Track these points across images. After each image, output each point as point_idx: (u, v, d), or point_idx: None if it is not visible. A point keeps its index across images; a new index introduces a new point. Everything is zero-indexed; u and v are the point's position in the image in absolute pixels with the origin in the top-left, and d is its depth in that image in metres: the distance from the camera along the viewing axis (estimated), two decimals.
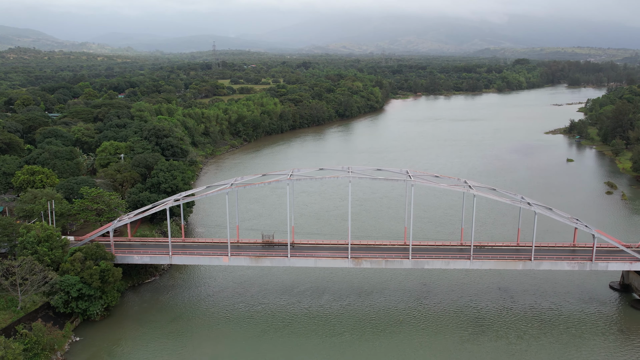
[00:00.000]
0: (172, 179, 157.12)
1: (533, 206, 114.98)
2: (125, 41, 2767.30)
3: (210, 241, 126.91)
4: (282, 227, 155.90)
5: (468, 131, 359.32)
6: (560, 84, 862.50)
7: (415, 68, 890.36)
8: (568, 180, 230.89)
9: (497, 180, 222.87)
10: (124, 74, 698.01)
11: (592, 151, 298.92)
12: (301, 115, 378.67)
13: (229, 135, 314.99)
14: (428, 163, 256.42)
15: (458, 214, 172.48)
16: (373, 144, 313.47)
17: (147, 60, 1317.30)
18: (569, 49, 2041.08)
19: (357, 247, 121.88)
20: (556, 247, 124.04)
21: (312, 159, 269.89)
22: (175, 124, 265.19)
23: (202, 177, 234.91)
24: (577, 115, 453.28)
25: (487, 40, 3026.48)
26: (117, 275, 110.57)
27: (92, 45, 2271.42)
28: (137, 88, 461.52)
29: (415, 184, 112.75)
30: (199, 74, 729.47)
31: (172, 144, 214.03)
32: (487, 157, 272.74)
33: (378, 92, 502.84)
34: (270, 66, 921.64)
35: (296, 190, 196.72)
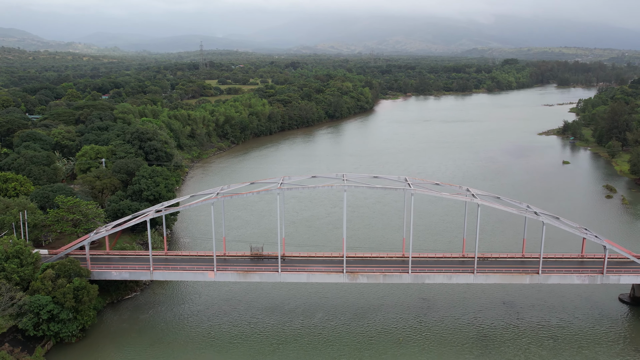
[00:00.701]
0: (155, 186, 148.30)
1: (541, 216, 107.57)
2: (112, 41, 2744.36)
3: (195, 254, 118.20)
4: (271, 236, 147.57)
5: (460, 132, 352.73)
6: (549, 84, 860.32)
7: (404, 68, 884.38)
8: (566, 184, 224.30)
9: (494, 184, 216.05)
10: (109, 74, 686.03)
11: (588, 153, 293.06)
12: (290, 117, 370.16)
13: (216, 138, 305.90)
14: (421, 166, 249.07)
15: (455, 220, 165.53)
16: (364, 146, 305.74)
17: (134, 60, 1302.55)
18: (556, 49, 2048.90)
19: (353, 259, 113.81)
20: (563, 258, 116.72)
21: (302, 162, 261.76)
22: (160, 126, 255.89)
23: (188, 181, 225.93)
24: (569, 115, 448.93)
25: (475, 41, 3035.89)
26: (93, 293, 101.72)
27: (78, 45, 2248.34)
28: (122, 89, 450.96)
29: (415, 193, 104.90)
30: (186, 74, 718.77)
31: (156, 147, 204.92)
32: (482, 160, 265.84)
33: (368, 93, 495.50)
34: (259, 66, 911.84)
35: (286, 196, 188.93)
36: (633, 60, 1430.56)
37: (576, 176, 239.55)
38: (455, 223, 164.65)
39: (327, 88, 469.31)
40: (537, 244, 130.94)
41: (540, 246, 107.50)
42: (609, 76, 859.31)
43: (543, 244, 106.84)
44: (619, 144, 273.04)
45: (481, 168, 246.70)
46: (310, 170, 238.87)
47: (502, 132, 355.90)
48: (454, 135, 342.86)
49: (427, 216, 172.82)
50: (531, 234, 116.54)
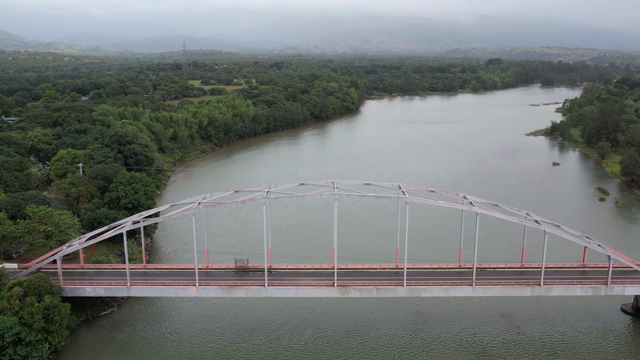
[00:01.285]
0: (134, 194, 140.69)
1: (542, 225, 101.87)
2: (94, 41, 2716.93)
3: (176, 267, 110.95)
4: (257, 245, 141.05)
5: (448, 133, 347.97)
6: (533, 84, 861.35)
7: (389, 68, 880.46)
8: (558, 186, 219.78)
9: (485, 188, 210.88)
10: (90, 74, 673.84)
11: (577, 154, 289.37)
12: (275, 118, 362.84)
13: (199, 140, 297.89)
14: (410, 169, 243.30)
15: (447, 226, 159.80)
16: (350, 148, 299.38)
17: (116, 60, 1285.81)
18: (538, 49, 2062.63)
19: (343, 271, 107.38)
20: (564, 268, 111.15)
21: (287, 165, 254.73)
22: (140, 128, 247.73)
23: (170, 186, 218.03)
24: (555, 115, 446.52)
25: (458, 41, 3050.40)
26: (65, 312, 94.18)
27: (59, 46, 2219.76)
28: (103, 90, 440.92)
29: (410, 202, 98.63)
30: (168, 74, 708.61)
31: (135, 151, 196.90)
32: (471, 162, 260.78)
33: (354, 93, 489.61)
34: (242, 66, 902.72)
35: (272, 203, 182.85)
36: (614, 60, 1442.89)
37: (567, 178, 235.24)
38: (448, 229, 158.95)
39: (312, 88, 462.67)
40: (535, 252, 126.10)
41: (541, 256, 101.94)
42: (592, 76, 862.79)
43: (545, 254, 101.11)
44: (609, 144, 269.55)
45: (471, 170, 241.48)
46: (296, 174, 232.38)
47: (489, 133, 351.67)
48: (442, 136, 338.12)
49: (419, 222, 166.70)
50: (529, 240, 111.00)
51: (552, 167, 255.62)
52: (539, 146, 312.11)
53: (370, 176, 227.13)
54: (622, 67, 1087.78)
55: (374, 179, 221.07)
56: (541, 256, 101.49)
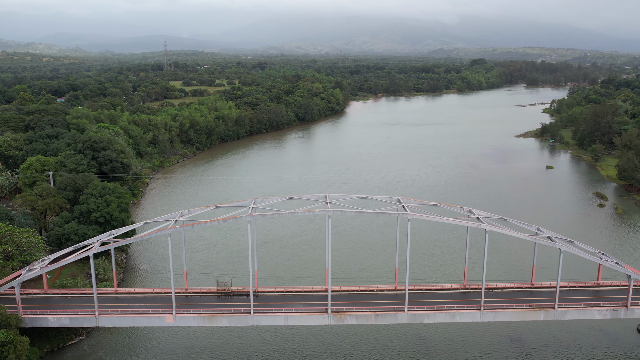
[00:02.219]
0: (106, 206, 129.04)
1: (557, 242, 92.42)
2: (74, 41, 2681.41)
3: (151, 292, 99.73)
4: (240, 262, 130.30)
5: (437, 136, 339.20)
6: (518, 84, 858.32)
7: (373, 68, 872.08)
8: (554, 191, 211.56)
9: (479, 194, 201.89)
10: (69, 75, 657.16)
11: (569, 156, 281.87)
12: (259, 120, 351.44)
13: (179, 144, 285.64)
14: (400, 173, 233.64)
15: (447, 240, 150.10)
16: (337, 152, 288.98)
17: (96, 61, 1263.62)
18: (520, 49, 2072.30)
19: (337, 294, 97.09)
20: (577, 287, 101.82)
21: (271, 171, 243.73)
22: (117, 132, 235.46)
23: (149, 194, 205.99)
24: (543, 116, 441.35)
25: (440, 41, 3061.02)
26: (22, 348, 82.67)
27: (38, 46, 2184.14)
28: (80, 91, 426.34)
29: (413, 218, 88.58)
30: (149, 75, 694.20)
31: (110, 157, 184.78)
32: (463, 166, 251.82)
33: (339, 94, 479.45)
34: (225, 67, 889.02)
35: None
36: (595, 60, 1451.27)
37: (563, 182, 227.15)
38: (448, 244, 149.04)
39: (296, 90, 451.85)
40: (542, 267, 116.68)
41: (549, 272, 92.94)
42: (576, 76, 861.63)
43: (560, 275, 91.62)
44: (603, 147, 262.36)
45: (463, 175, 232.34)
46: (281, 180, 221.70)
47: (479, 135, 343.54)
48: (430, 138, 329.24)
49: (415, 235, 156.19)
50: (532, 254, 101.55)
51: (545, 170, 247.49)
52: (529, 148, 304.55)
53: (359, 182, 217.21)
54: (604, 67, 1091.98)
55: (363, 185, 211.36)
56: (549, 273, 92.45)
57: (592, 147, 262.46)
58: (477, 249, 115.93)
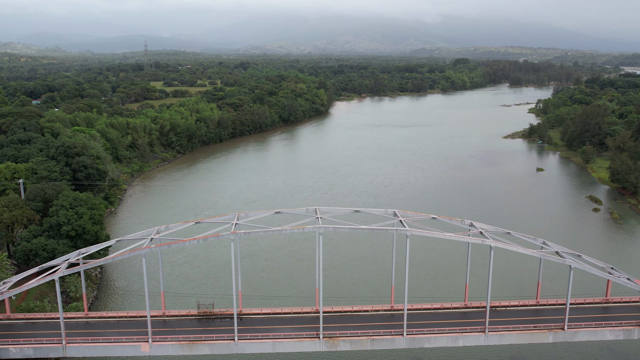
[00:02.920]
0: (77, 219, 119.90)
1: (566, 258, 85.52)
2: (54, 41, 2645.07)
3: (125, 315, 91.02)
4: (222, 278, 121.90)
5: (423, 137, 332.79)
6: (501, 84, 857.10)
7: (357, 68, 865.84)
8: (546, 195, 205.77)
9: (470, 199, 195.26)
10: (47, 76, 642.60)
11: (558, 158, 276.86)
12: (242, 122, 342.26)
13: (159, 147, 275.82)
14: (388, 177, 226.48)
15: (441, 251, 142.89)
16: (322, 155, 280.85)
17: (76, 61, 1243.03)
18: (501, 49, 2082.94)
19: (329, 316, 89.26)
20: (585, 304, 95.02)
21: (255, 176, 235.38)
22: (93, 136, 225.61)
23: (126, 201, 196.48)
24: (528, 116, 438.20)
25: (422, 40, 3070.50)
26: None
27: (17, 46, 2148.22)
28: (57, 93, 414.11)
29: (412, 234, 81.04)
30: (129, 75, 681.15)
31: (85, 164, 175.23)
32: (452, 169, 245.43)
33: (323, 95, 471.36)
34: (207, 67, 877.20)
35: None
36: (577, 59, 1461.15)
37: (554, 185, 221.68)
38: (444, 255, 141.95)
39: (280, 90, 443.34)
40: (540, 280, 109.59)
41: (561, 290, 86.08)
42: (559, 75, 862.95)
43: (570, 294, 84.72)
44: (593, 148, 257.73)
45: (453, 179, 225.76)
46: (265, 185, 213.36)
47: (466, 136, 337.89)
48: (417, 140, 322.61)
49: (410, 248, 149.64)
50: (530, 265, 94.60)
51: (536, 173, 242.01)
52: (518, 150, 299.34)
53: (346, 187, 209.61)
54: (586, 67, 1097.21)
55: (350, 191, 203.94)
56: (550, 285, 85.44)
57: (583, 149, 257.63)
58: (476, 263, 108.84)
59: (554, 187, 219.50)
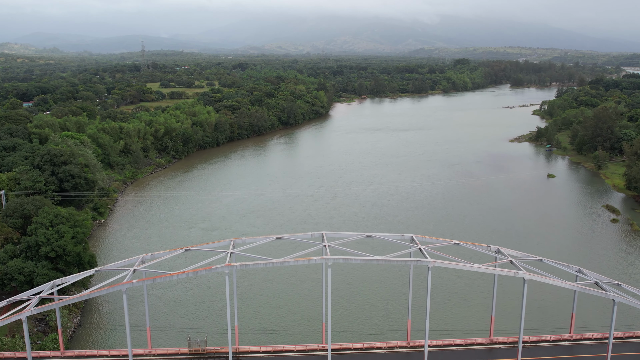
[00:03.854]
0: (58, 238, 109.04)
1: (608, 290, 74.91)
2: (51, 42, 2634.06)
3: (107, 354, 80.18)
4: (216, 303, 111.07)
5: (427, 141, 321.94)
6: (502, 84, 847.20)
7: (356, 69, 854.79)
8: (560, 204, 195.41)
9: (481, 208, 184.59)
10: (43, 77, 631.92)
11: (569, 163, 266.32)
12: (239, 125, 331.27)
13: (154, 152, 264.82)
14: (393, 185, 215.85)
15: (458, 273, 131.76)
16: (323, 160, 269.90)
17: (73, 61, 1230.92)
18: (500, 49, 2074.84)
19: (338, 354, 78.75)
20: (625, 338, 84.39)
21: (252, 183, 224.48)
22: (84, 142, 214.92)
23: (117, 211, 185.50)
24: (533, 118, 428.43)
25: (421, 41, 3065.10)
26: None
27: (14, 46, 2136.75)
28: (50, 95, 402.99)
29: (434, 266, 70.42)
30: (125, 76, 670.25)
31: (72, 173, 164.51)
32: (459, 175, 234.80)
33: (323, 96, 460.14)
34: (205, 68, 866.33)
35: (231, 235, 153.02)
36: (576, 59, 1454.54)
37: (568, 193, 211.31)
38: (460, 279, 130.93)
39: (279, 92, 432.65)
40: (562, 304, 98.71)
41: (603, 324, 75.49)
42: (561, 76, 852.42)
43: (613, 330, 74.22)
44: (606, 154, 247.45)
45: (461, 186, 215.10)
46: (263, 194, 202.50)
47: (471, 140, 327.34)
48: (421, 144, 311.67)
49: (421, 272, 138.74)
50: (559, 293, 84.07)
51: (547, 179, 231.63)
52: (525, 154, 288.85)
53: (348, 196, 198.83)
54: (587, 67, 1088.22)
55: (354, 200, 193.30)
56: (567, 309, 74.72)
57: (595, 154, 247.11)
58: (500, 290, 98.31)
59: (568, 195, 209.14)
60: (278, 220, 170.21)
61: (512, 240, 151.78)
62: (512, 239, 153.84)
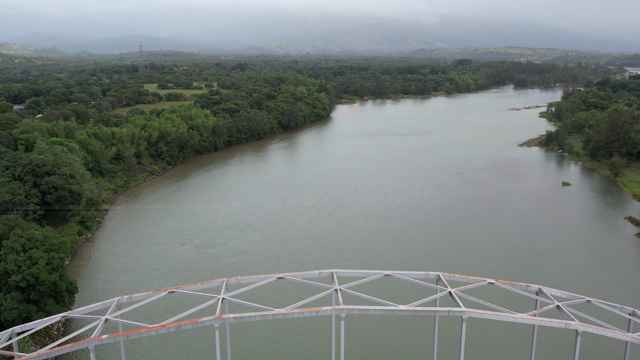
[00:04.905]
0: (30, 265, 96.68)
1: None
2: (51, 42, 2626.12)
3: None
4: (206, 351, 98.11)
5: (433, 146, 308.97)
6: (505, 85, 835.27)
7: (357, 69, 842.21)
8: (579, 216, 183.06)
9: (498, 221, 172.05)
10: (39, 77, 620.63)
11: (583, 170, 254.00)
12: (238, 129, 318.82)
13: (148, 158, 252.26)
14: (400, 195, 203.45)
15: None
16: (325, 166, 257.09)
17: (71, 62, 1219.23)
18: (501, 49, 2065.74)
19: None
20: None
21: (250, 193, 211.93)
22: (73, 149, 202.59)
23: (106, 224, 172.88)
24: (540, 121, 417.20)
25: (421, 41, 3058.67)
26: None
27: (13, 46, 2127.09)
28: (42, 97, 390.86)
29: (469, 317, 58.07)
30: (123, 77, 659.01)
31: (56, 185, 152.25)
32: (469, 184, 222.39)
33: (324, 98, 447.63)
34: (204, 68, 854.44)
35: (222, 250, 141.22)
36: (578, 59, 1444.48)
37: (586, 203, 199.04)
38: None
39: (279, 94, 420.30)
40: None
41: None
42: (565, 77, 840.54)
43: None
44: (623, 160, 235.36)
45: (474, 197, 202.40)
46: (262, 206, 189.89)
47: (478, 144, 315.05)
48: (427, 150, 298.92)
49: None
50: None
51: (562, 188, 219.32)
52: (536, 160, 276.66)
53: (353, 208, 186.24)
54: (590, 68, 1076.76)
55: (359, 213, 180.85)
56: None
57: (612, 161, 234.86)
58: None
59: (586, 205, 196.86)
60: (278, 235, 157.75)
61: (532, 260, 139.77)
62: (532, 257, 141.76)
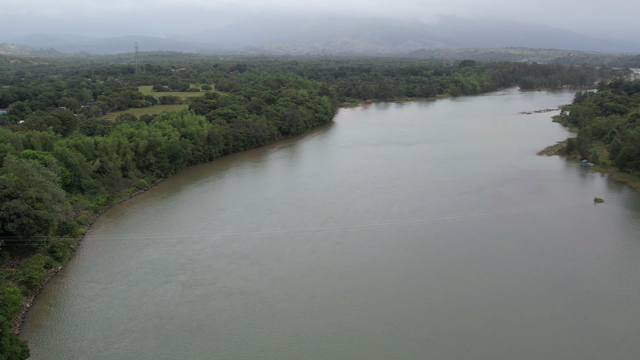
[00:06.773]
0: None
1: None
2: (49, 42, 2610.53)
3: None
4: None
5: (446, 157, 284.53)
6: (511, 87, 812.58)
7: (358, 70, 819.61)
8: (619, 240, 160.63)
9: (532, 249, 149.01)
10: (32, 79, 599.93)
11: (611, 182, 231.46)
12: (235, 136, 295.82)
13: (135, 171, 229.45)
14: (414, 214, 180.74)
15: None
16: (329, 181, 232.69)
17: (68, 63, 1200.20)
18: (502, 50, 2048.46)
19: None
20: None
21: (247, 213, 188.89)
22: (49, 162, 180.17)
23: (80, 253, 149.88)
24: (554, 126, 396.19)
25: (421, 41, 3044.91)
26: None
27: (11, 47, 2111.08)
28: (27, 101, 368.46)
29: None
30: (118, 79, 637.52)
31: (17, 211, 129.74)
32: (491, 201, 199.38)
33: (327, 102, 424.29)
34: (202, 69, 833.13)
35: (214, 289, 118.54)
36: (578, 60, 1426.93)
37: (625, 225, 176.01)
38: None
39: (279, 97, 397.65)
40: None
41: None
42: (572, 78, 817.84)
43: None
44: None
45: (499, 219, 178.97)
46: (259, 228, 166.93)
47: (494, 153, 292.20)
48: (440, 160, 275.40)
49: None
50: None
51: (595, 205, 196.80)
52: (558, 170, 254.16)
53: (364, 233, 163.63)
54: (595, 69, 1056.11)
55: (370, 238, 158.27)
56: None
57: None
58: None
59: (626, 227, 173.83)
60: (277, 270, 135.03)
61: (583, 308, 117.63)
62: (580, 299, 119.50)
